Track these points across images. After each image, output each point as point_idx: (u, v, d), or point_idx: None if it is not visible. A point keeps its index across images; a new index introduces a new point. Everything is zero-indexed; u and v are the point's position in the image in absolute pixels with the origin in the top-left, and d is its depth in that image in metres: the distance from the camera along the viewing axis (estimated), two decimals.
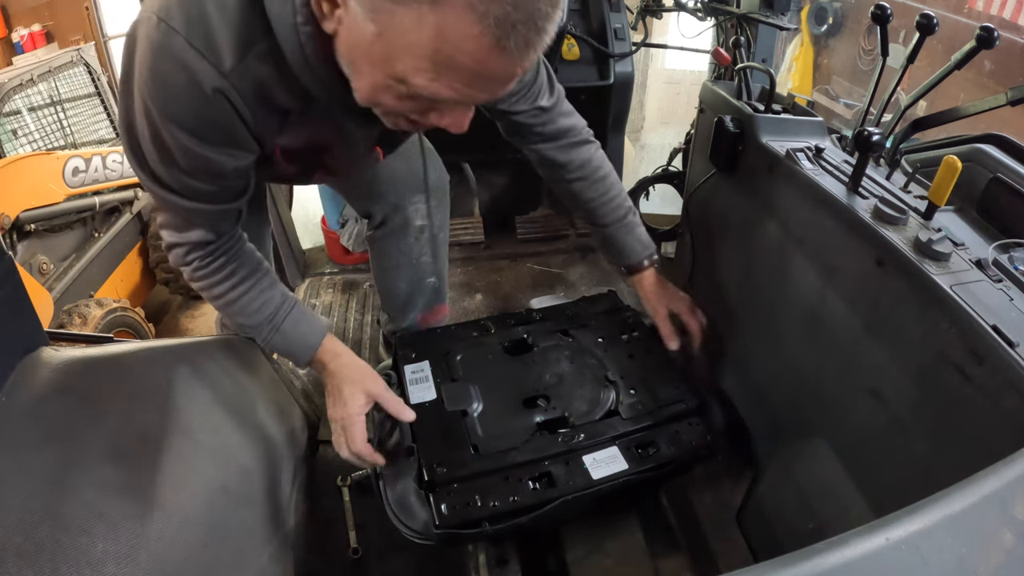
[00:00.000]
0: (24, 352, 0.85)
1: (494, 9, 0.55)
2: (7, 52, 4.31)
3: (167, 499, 0.82)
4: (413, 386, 1.11)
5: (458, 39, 0.57)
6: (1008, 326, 0.73)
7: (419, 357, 1.17)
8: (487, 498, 0.95)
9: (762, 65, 1.29)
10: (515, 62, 0.61)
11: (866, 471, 0.94)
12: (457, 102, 0.67)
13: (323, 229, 2.21)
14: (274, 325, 0.99)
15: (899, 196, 1.00)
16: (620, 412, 1.10)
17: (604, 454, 1.02)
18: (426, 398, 1.10)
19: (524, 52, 0.60)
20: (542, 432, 1.06)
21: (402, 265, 1.39)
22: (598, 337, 1.25)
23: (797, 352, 1.11)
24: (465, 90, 0.63)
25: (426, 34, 0.58)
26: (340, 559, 1.21)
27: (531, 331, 1.26)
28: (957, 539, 0.48)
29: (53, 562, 0.65)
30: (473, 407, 1.08)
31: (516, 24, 0.57)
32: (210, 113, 0.73)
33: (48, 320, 1.96)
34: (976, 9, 3.43)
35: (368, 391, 1.01)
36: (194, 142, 0.76)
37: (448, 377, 1.14)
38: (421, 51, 0.59)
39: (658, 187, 2.16)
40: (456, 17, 0.56)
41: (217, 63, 0.70)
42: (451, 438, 1.03)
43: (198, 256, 0.92)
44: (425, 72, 0.61)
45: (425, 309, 1.47)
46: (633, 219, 1.23)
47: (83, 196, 2.27)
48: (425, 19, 0.57)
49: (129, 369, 0.91)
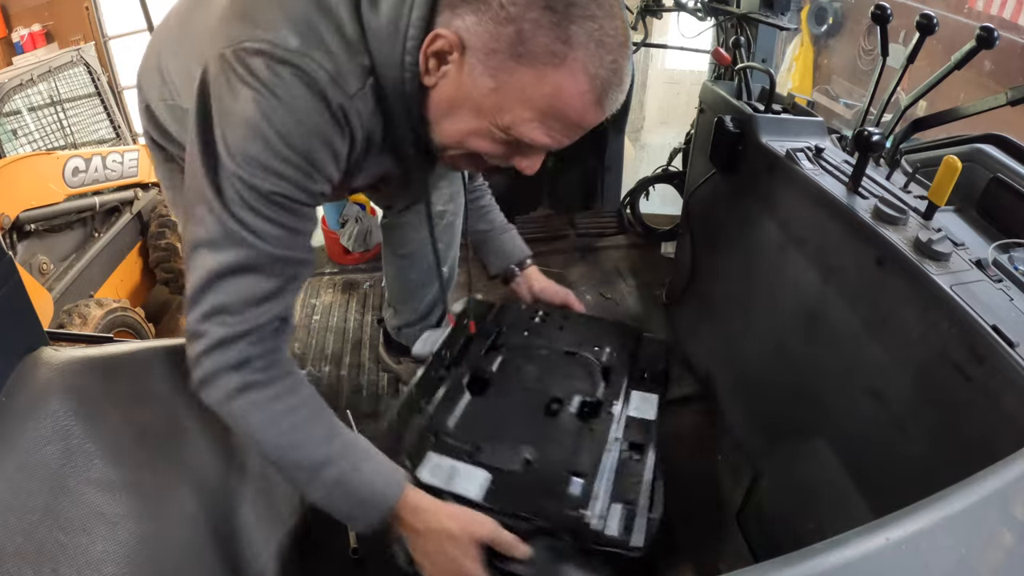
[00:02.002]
0: (24, 352, 0.85)
1: (601, 72, 0.68)
2: (7, 52, 4.31)
3: (167, 499, 0.82)
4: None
5: (570, 96, 0.69)
6: (1008, 326, 0.73)
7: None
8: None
9: (762, 65, 1.30)
10: (604, 114, 0.74)
11: (866, 471, 0.94)
12: (546, 147, 0.76)
13: (323, 229, 2.21)
14: (342, 468, 0.79)
15: (899, 196, 1.00)
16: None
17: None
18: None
19: (612, 106, 0.73)
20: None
21: (416, 252, 1.40)
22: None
23: (797, 352, 1.11)
24: (560, 137, 0.74)
25: (544, 91, 0.68)
26: (340, 559, 1.21)
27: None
28: (957, 539, 0.48)
29: (53, 562, 0.66)
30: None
31: (612, 85, 0.70)
32: (326, 130, 0.71)
33: (48, 320, 1.96)
34: (976, 9, 3.43)
35: (479, 537, 0.81)
36: (299, 157, 0.70)
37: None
38: (534, 104, 0.69)
39: (658, 187, 2.16)
40: (573, 77, 0.67)
41: (345, 85, 0.71)
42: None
43: (257, 354, 0.75)
44: (531, 121, 0.71)
45: (428, 308, 1.47)
46: (512, 226, 1.38)
47: (83, 196, 2.27)
48: (546, 78, 0.67)
49: (129, 369, 0.91)
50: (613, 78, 0.70)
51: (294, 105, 0.68)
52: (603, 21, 0.67)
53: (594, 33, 0.66)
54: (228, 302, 0.73)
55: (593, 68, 0.67)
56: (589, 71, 0.67)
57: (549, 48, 0.66)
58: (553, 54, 0.66)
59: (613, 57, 0.68)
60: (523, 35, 0.66)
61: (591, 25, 0.66)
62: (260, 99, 0.67)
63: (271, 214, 0.72)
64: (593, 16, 0.66)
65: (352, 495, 0.80)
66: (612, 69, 0.69)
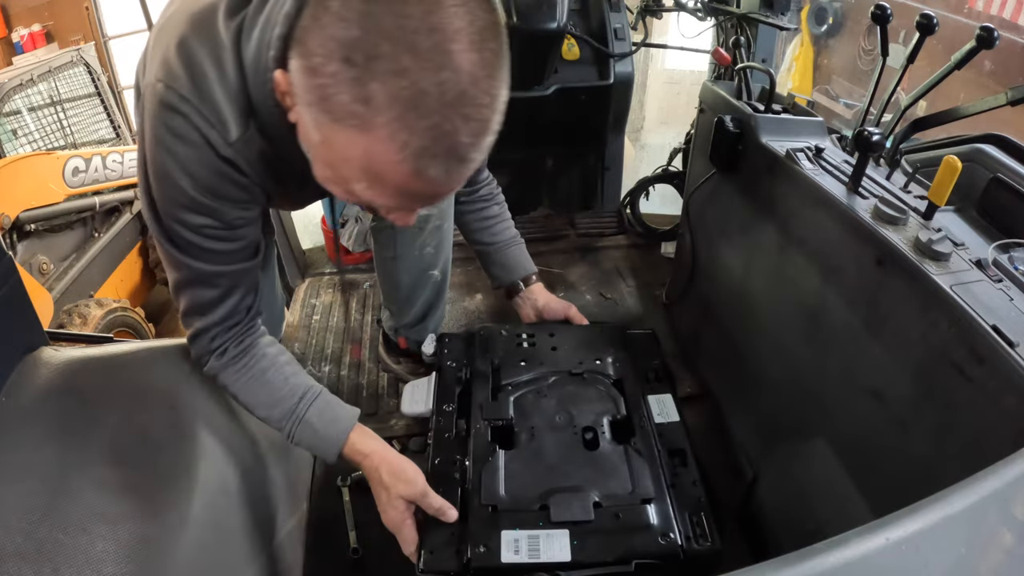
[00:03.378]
0: (24, 352, 0.85)
1: (414, 142, 0.57)
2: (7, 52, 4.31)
3: (167, 499, 0.82)
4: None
5: (384, 164, 0.59)
6: (1008, 326, 0.73)
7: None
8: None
9: (762, 65, 1.29)
10: (437, 186, 0.62)
11: (866, 471, 0.94)
12: (393, 209, 0.71)
13: (323, 229, 2.21)
14: (297, 416, 0.94)
15: (899, 196, 1.00)
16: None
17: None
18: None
19: (446, 179, 0.61)
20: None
21: (404, 256, 1.38)
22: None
23: (797, 352, 1.11)
24: (399, 202, 0.66)
25: (357, 154, 0.60)
26: (340, 559, 1.21)
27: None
28: (957, 539, 0.48)
29: (53, 562, 0.66)
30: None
31: (436, 156, 0.58)
32: (224, 169, 0.77)
33: (48, 320, 1.96)
34: (976, 9, 3.43)
35: (403, 495, 0.93)
36: (209, 198, 0.78)
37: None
38: (356, 165, 0.61)
39: (658, 187, 2.16)
40: (380, 144, 0.57)
41: (225, 134, 0.75)
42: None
43: (229, 339, 0.91)
44: (360, 182, 0.63)
45: (424, 310, 1.47)
46: (522, 241, 1.36)
47: (83, 196, 2.28)
48: (356, 141, 0.59)
49: (129, 369, 0.91)
50: (434, 146, 0.57)
51: (190, 152, 0.75)
52: (419, 75, 0.54)
53: (402, 92, 0.54)
54: (189, 306, 0.88)
55: (402, 135, 0.56)
56: (397, 138, 0.56)
57: (349, 109, 0.56)
58: (354, 115, 0.57)
59: (434, 121, 0.56)
60: (326, 91, 0.57)
61: (398, 83, 0.54)
62: (165, 142, 0.74)
63: (197, 240, 0.81)
64: (403, 71, 0.54)
65: (313, 434, 0.95)
66: (432, 136, 0.56)
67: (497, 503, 0.94)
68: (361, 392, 1.62)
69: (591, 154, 2.13)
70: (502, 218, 1.33)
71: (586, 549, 0.87)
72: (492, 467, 0.99)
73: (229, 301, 0.89)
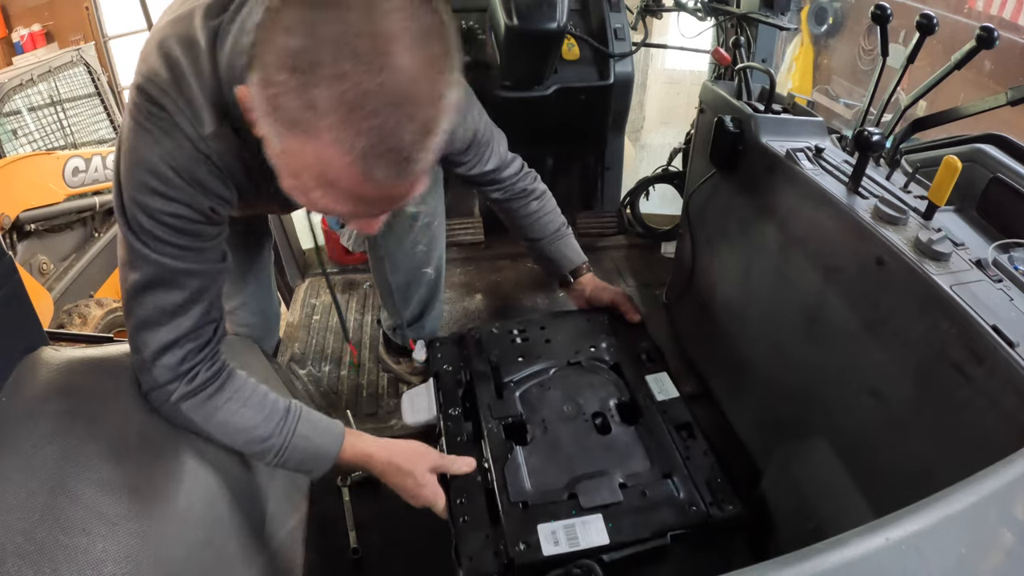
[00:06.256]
0: (24, 352, 0.85)
1: (359, 143, 0.58)
2: (7, 52, 4.31)
3: (167, 499, 0.82)
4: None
5: (335, 168, 0.60)
6: (1008, 326, 0.73)
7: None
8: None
9: (762, 65, 1.29)
10: (389, 188, 0.63)
11: (866, 471, 0.94)
12: (351, 216, 0.72)
13: (323, 229, 2.21)
14: (288, 429, 0.92)
15: (899, 196, 1.00)
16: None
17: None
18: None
19: (396, 180, 0.62)
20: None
21: (396, 255, 1.39)
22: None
23: (797, 352, 1.11)
24: (355, 207, 0.66)
25: (309, 161, 0.61)
26: (340, 559, 1.21)
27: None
28: (957, 539, 0.48)
29: (53, 562, 0.65)
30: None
31: (382, 155, 0.59)
32: (199, 159, 0.79)
33: (48, 320, 1.96)
34: (976, 9, 3.43)
35: (429, 468, 0.98)
36: (184, 181, 0.79)
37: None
38: (312, 172, 0.62)
39: (658, 187, 2.16)
40: (329, 148, 0.59)
41: (199, 127, 0.77)
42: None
43: (200, 361, 0.86)
44: (315, 190, 0.64)
45: (420, 309, 1.47)
46: (569, 230, 1.36)
47: (83, 196, 2.28)
48: (307, 147, 0.60)
49: (129, 369, 0.91)
50: (379, 144, 0.58)
51: (168, 141, 0.76)
52: (360, 78, 0.55)
53: (344, 96, 0.56)
54: (149, 315, 0.82)
55: (347, 138, 0.57)
56: (343, 141, 0.58)
57: (297, 116, 0.58)
58: (302, 122, 0.58)
59: (377, 121, 0.57)
60: (277, 100, 0.59)
61: (340, 86, 0.56)
62: (144, 128, 0.76)
63: (166, 235, 0.79)
64: (344, 75, 0.55)
65: (307, 446, 0.93)
66: (377, 135, 0.58)
67: (527, 499, 0.95)
68: (361, 392, 1.62)
69: (591, 154, 2.13)
70: (542, 212, 1.33)
71: (622, 529, 0.90)
72: (513, 465, 1.01)
73: (195, 309, 0.84)
